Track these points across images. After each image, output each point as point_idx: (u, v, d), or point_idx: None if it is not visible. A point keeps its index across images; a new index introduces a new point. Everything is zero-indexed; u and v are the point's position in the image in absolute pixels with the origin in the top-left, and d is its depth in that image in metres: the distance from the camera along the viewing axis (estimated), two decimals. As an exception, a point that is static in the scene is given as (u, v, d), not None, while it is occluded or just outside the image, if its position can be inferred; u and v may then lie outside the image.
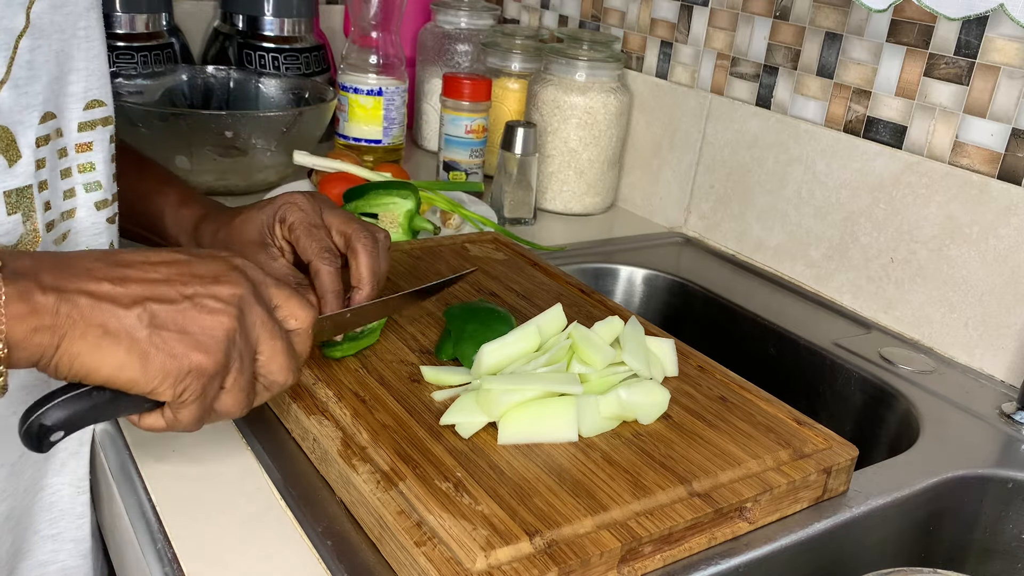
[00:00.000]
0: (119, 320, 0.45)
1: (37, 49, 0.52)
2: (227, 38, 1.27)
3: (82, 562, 0.65)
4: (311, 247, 0.64)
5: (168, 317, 0.46)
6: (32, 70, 0.52)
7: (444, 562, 0.46)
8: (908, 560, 0.67)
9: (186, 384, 0.47)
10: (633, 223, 1.17)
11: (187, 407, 0.48)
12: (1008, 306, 0.80)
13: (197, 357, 0.47)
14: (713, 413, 0.64)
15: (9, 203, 0.52)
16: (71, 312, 0.43)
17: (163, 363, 0.46)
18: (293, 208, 0.66)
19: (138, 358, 0.45)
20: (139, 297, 0.46)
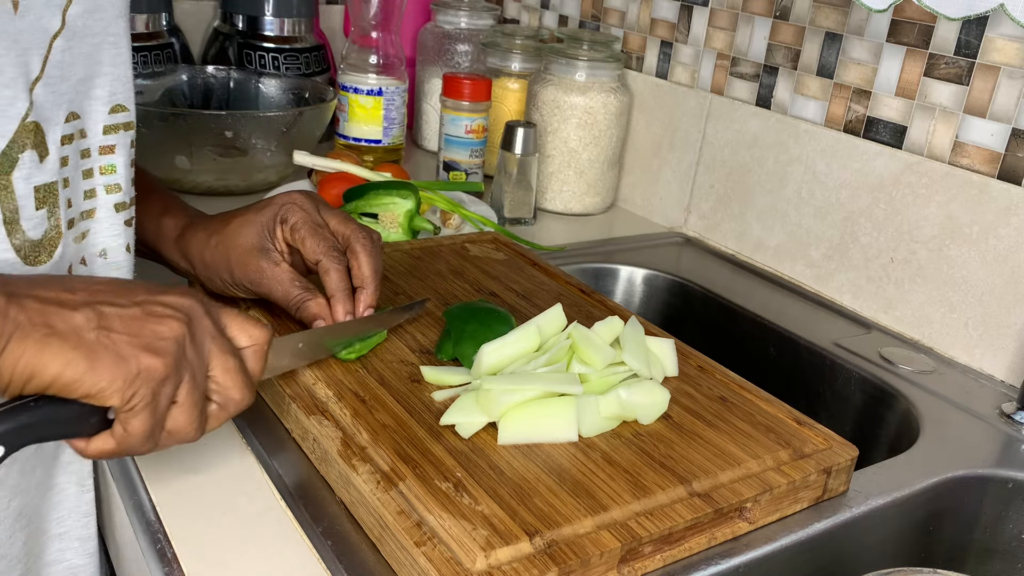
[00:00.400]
0: (66, 320, 0.44)
1: (68, 50, 0.54)
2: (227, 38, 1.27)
3: (88, 561, 0.65)
4: (319, 246, 0.64)
5: (117, 319, 0.46)
6: (62, 70, 0.53)
7: (444, 562, 0.46)
8: (908, 560, 0.67)
9: (135, 388, 0.45)
10: (633, 223, 1.17)
11: (137, 416, 0.46)
12: (1008, 306, 0.80)
13: (147, 359, 0.45)
14: (713, 413, 0.64)
15: (38, 198, 0.53)
16: (18, 314, 0.43)
17: (111, 363, 0.44)
18: (294, 208, 0.65)
19: (85, 356, 0.44)
20: (87, 300, 0.45)
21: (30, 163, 0.52)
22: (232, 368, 0.50)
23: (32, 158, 0.52)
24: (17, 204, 0.51)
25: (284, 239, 0.66)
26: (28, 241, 0.53)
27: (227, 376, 0.50)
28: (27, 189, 0.52)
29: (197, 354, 0.48)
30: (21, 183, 0.51)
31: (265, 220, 0.65)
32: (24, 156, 0.51)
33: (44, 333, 0.43)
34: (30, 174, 0.52)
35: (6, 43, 0.49)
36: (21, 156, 0.51)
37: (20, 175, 0.51)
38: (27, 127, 0.51)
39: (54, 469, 0.61)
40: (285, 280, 0.65)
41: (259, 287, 0.66)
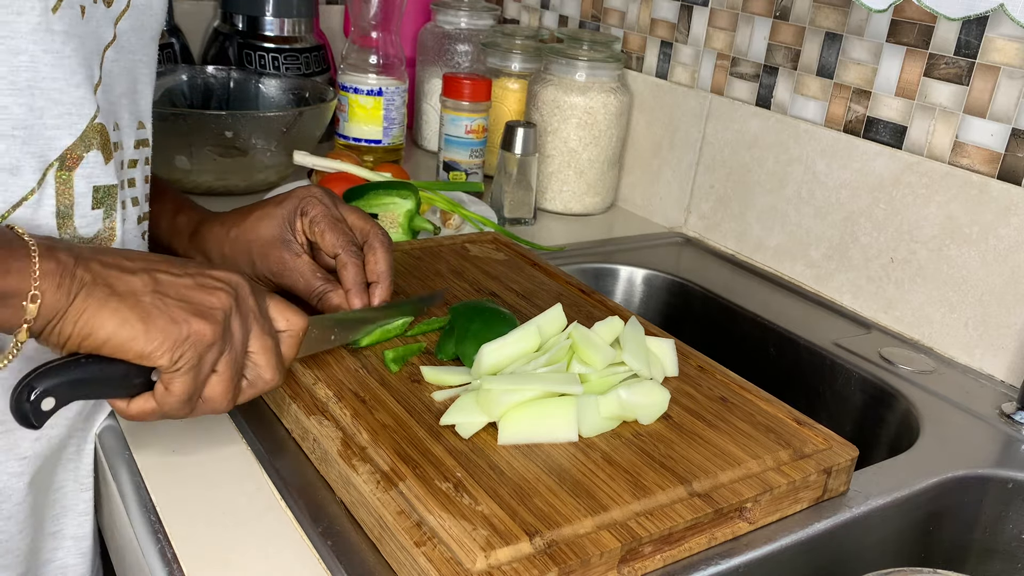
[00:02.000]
0: (126, 282, 0.48)
1: (116, 62, 0.57)
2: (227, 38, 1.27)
3: (79, 560, 0.65)
4: (338, 240, 0.66)
5: (171, 285, 0.49)
6: (111, 79, 0.56)
7: (444, 562, 0.46)
8: (908, 560, 0.67)
9: (183, 350, 0.48)
10: (633, 223, 1.17)
11: (180, 378, 0.49)
12: (1008, 306, 0.80)
13: (197, 324, 0.48)
14: (713, 413, 0.64)
15: (96, 198, 0.55)
16: (84, 274, 0.47)
17: (164, 325, 0.48)
18: (314, 202, 0.67)
19: (140, 317, 0.47)
20: (145, 266, 0.49)
21: (94, 162, 0.54)
22: (269, 348, 0.53)
23: (97, 158, 0.54)
24: (74, 200, 0.54)
25: (304, 232, 0.67)
26: (77, 238, 0.55)
27: (263, 355, 0.53)
28: (86, 187, 0.54)
29: (241, 328, 0.51)
30: (82, 181, 0.54)
31: (286, 213, 0.67)
32: (89, 155, 0.54)
33: (106, 293, 0.47)
34: (92, 173, 0.54)
35: (75, 45, 0.52)
36: (86, 155, 0.54)
37: (82, 173, 0.54)
38: (95, 127, 0.54)
39: (56, 466, 0.61)
40: (307, 272, 0.66)
41: (281, 278, 0.67)
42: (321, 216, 0.66)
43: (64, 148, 0.52)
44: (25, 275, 0.45)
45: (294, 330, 0.55)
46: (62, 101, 0.52)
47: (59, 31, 0.50)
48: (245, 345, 0.52)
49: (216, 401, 0.52)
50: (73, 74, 0.52)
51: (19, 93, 0.50)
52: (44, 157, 0.52)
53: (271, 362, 0.53)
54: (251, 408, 0.64)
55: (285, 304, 0.55)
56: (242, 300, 0.52)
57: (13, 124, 0.50)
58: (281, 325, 0.55)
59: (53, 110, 0.51)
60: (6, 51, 0.49)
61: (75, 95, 0.52)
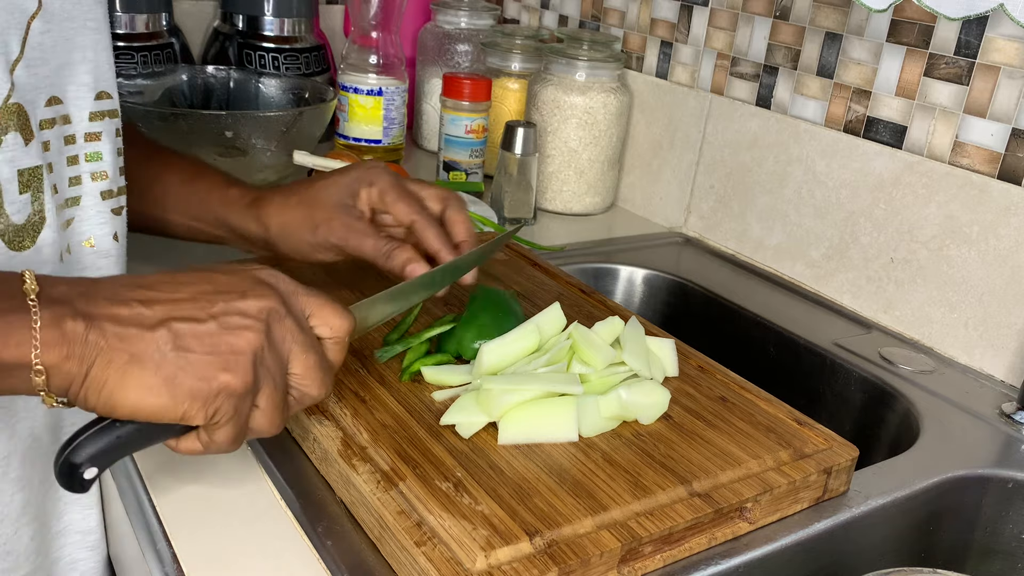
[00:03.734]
0: (144, 344, 0.44)
1: (47, 33, 0.53)
2: (227, 38, 1.27)
3: (88, 554, 0.65)
4: (411, 207, 0.66)
5: (193, 337, 0.45)
6: (43, 53, 0.53)
7: (444, 562, 0.46)
8: (908, 560, 0.67)
9: (217, 405, 0.45)
10: (633, 223, 1.17)
11: (221, 428, 0.47)
12: (1008, 306, 0.80)
13: (225, 377, 0.45)
14: (713, 413, 0.64)
15: (22, 182, 0.52)
16: (98, 340, 0.43)
17: (191, 386, 0.45)
18: (381, 174, 0.68)
19: (164, 382, 0.44)
20: (163, 318, 0.45)
21: (14, 145, 0.51)
22: (312, 365, 0.50)
23: (16, 140, 0.51)
24: (1, 187, 0.51)
25: (369, 202, 0.68)
26: (12, 226, 0.52)
27: (307, 373, 0.50)
28: (11, 172, 0.51)
29: (276, 359, 0.48)
30: (5, 166, 0.51)
31: (349, 182, 0.68)
32: (7, 138, 0.51)
33: (124, 360, 0.44)
34: (14, 157, 0.51)
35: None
36: (4, 138, 0.50)
37: (4, 157, 0.51)
38: (10, 108, 0.51)
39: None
40: (372, 233, 0.67)
41: (347, 242, 0.67)
42: (389, 187, 0.67)
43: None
44: (26, 348, 0.42)
45: (339, 335, 0.52)
46: None
47: None
48: (285, 369, 0.49)
49: (264, 430, 0.49)
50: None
51: None
52: None
53: (316, 378, 0.50)
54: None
55: (329, 307, 0.51)
56: (275, 326, 0.48)
57: None
58: (325, 332, 0.51)
59: None
60: None
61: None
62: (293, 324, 0.49)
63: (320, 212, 0.67)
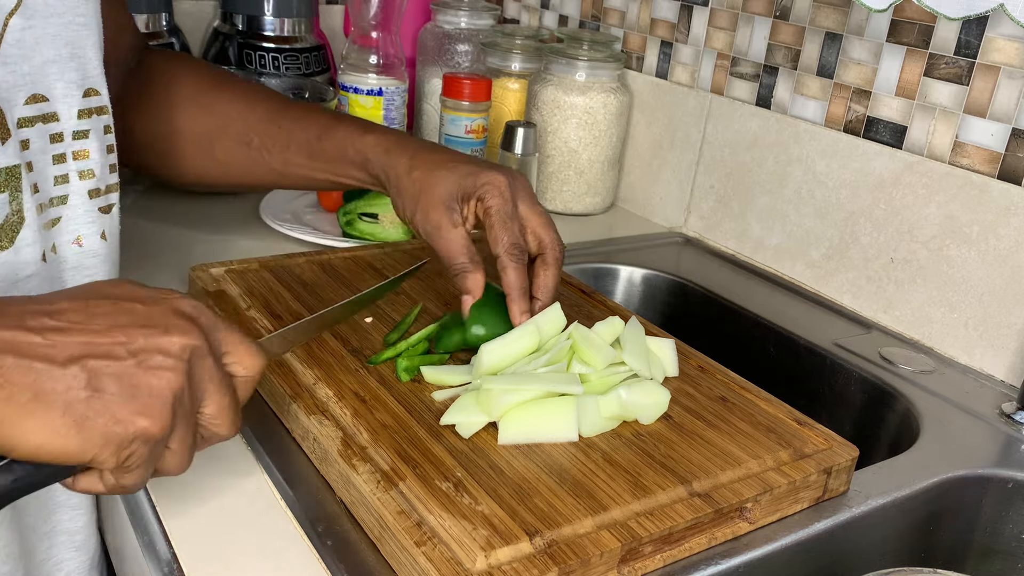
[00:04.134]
0: (52, 381, 0.40)
1: (29, 29, 0.52)
2: (227, 38, 1.27)
3: (73, 554, 0.64)
4: (502, 240, 0.65)
5: (109, 376, 0.41)
6: (21, 49, 0.51)
7: (444, 562, 0.46)
8: (908, 560, 0.67)
9: (132, 450, 0.42)
10: (633, 223, 1.17)
11: (132, 472, 0.43)
12: (1008, 306, 0.80)
13: (143, 422, 0.41)
14: (713, 413, 0.64)
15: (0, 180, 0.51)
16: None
17: (104, 429, 0.40)
18: (494, 191, 0.66)
19: (73, 424, 0.40)
20: (77, 354, 0.41)
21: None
22: (226, 406, 0.47)
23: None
24: None
25: (474, 213, 0.67)
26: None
27: (220, 413, 0.47)
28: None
29: (191, 399, 0.45)
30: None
31: (466, 185, 0.67)
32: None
33: (27, 398, 0.39)
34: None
35: None
36: None
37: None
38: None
39: None
40: (457, 243, 0.66)
41: (432, 238, 0.68)
42: (495, 210, 0.66)
43: None
44: None
45: (252, 374, 0.49)
46: None
47: None
48: (197, 408, 0.46)
49: (173, 471, 0.46)
50: None
51: None
52: None
53: (228, 419, 0.47)
54: (251, 408, 0.64)
55: (244, 346, 0.48)
56: (195, 365, 0.44)
57: None
58: (239, 371, 0.48)
59: None
60: None
61: None
62: (212, 363, 0.46)
63: (425, 199, 0.67)
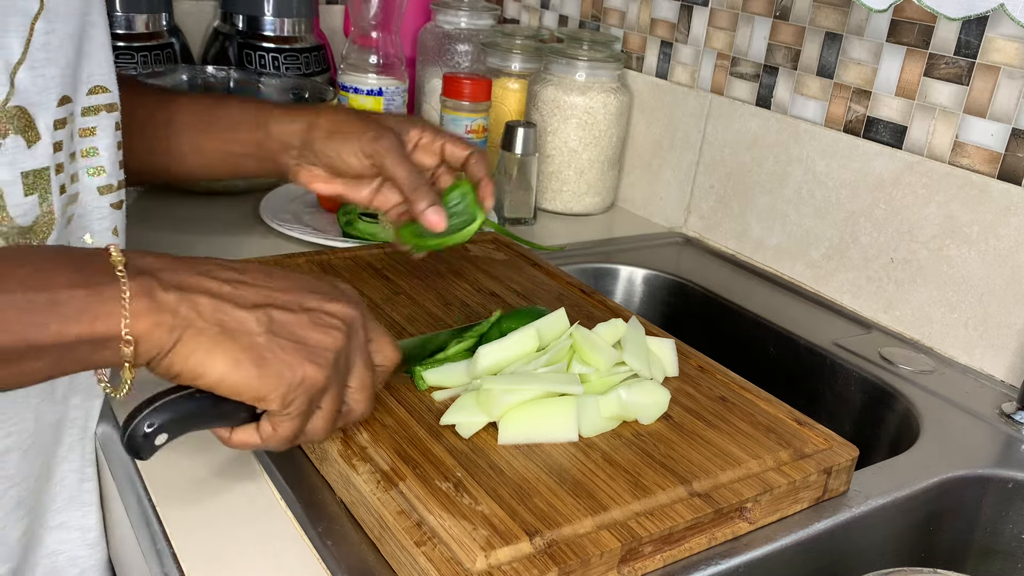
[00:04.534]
0: (238, 321, 0.45)
1: (52, 32, 0.53)
2: (227, 38, 1.27)
3: (89, 552, 0.65)
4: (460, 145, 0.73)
5: (286, 325, 0.47)
6: (48, 52, 0.53)
7: (444, 562, 0.46)
8: (908, 560, 0.67)
9: (295, 395, 0.46)
10: (633, 223, 1.17)
11: (290, 421, 0.47)
12: (1008, 306, 0.80)
13: (311, 369, 0.47)
14: (713, 413, 0.64)
15: (27, 184, 0.52)
16: (190, 311, 0.44)
17: (278, 370, 0.46)
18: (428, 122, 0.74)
19: (254, 360, 0.45)
20: (259, 301, 0.46)
21: (14, 148, 0.51)
22: (367, 385, 0.52)
23: (17, 143, 0.51)
24: (2, 190, 0.51)
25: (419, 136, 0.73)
26: (16, 228, 0.52)
27: (362, 391, 0.51)
28: (13, 175, 0.51)
29: (347, 366, 0.50)
30: (5, 168, 0.50)
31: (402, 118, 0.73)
32: (7, 141, 0.50)
33: (216, 332, 0.44)
34: (15, 159, 0.51)
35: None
36: (4, 141, 0.50)
37: (4, 160, 0.50)
38: (8, 112, 0.50)
39: (53, 460, 0.61)
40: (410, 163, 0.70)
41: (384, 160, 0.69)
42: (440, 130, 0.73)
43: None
44: (115, 319, 0.42)
45: (388, 366, 0.54)
46: None
47: None
48: (346, 380, 0.51)
49: (317, 435, 0.50)
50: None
51: None
52: None
53: (367, 397, 0.52)
54: (251, 408, 0.64)
55: (386, 338, 0.54)
56: (354, 336, 0.50)
57: None
58: (378, 360, 0.53)
59: None
60: None
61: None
62: (363, 340, 0.51)
63: (375, 127, 0.70)
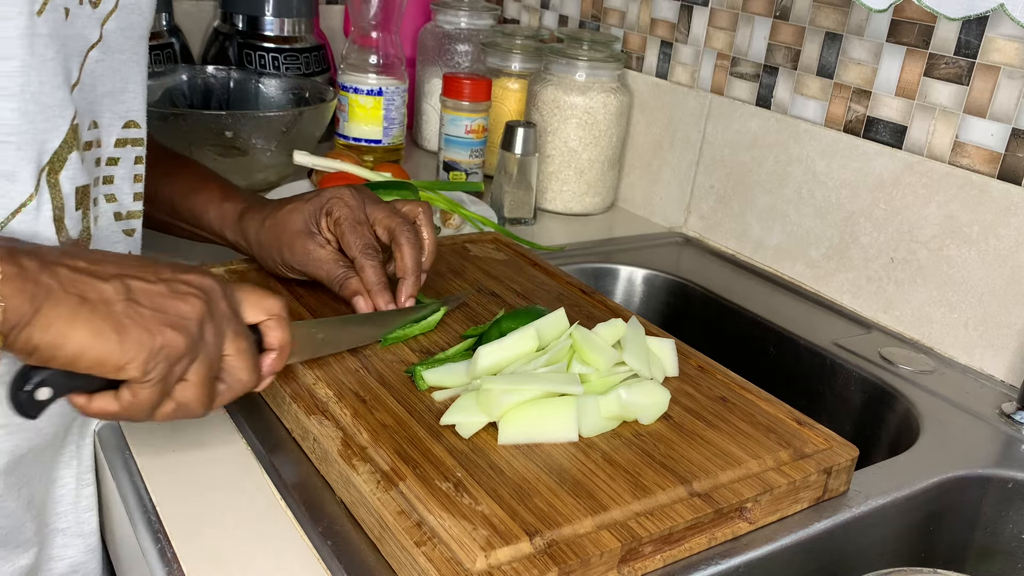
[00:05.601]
0: (97, 290, 0.46)
1: (101, 62, 0.57)
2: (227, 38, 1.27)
3: (89, 557, 0.66)
4: (355, 243, 0.68)
5: (144, 293, 0.47)
6: (93, 79, 0.56)
7: (444, 562, 0.46)
8: (908, 560, 0.67)
9: (156, 362, 0.47)
10: (633, 223, 1.17)
11: (149, 388, 0.48)
12: (1008, 306, 0.80)
13: (171, 335, 0.47)
14: (713, 413, 0.64)
15: (77, 199, 0.55)
16: (51, 280, 0.44)
17: (138, 336, 0.46)
18: (339, 203, 0.70)
19: (114, 328, 0.46)
20: (116, 272, 0.47)
21: (75, 164, 0.54)
22: (244, 350, 0.53)
23: (76, 160, 0.54)
24: (64, 203, 0.54)
25: (328, 229, 0.70)
26: (69, 240, 0.55)
27: (238, 357, 0.52)
28: (70, 189, 0.54)
29: (214, 334, 0.50)
30: (67, 183, 0.54)
31: (312, 209, 0.70)
32: (72, 157, 0.54)
33: (76, 302, 0.45)
34: (74, 175, 0.54)
35: (57, 47, 0.51)
36: (69, 156, 0.53)
37: (66, 175, 0.54)
38: (74, 128, 0.54)
39: (56, 463, 0.62)
40: (328, 261, 0.70)
41: (306, 267, 0.71)
42: (344, 218, 0.69)
43: (53, 151, 0.52)
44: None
45: (275, 315, 0.55)
46: (49, 104, 0.51)
47: (43, 34, 0.50)
48: (220, 350, 0.51)
49: (190, 406, 0.51)
50: (55, 76, 0.51)
51: (12, 98, 0.50)
52: (38, 162, 0.52)
53: (246, 363, 0.53)
54: (251, 408, 0.64)
55: (259, 293, 0.55)
56: (215, 304, 0.51)
57: (8, 130, 0.50)
58: (260, 316, 0.55)
59: (42, 114, 0.51)
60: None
61: (58, 97, 0.52)
62: (227, 308, 0.52)
63: (286, 236, 0.70)
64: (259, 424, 0.62)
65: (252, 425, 0.62)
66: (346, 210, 0.69)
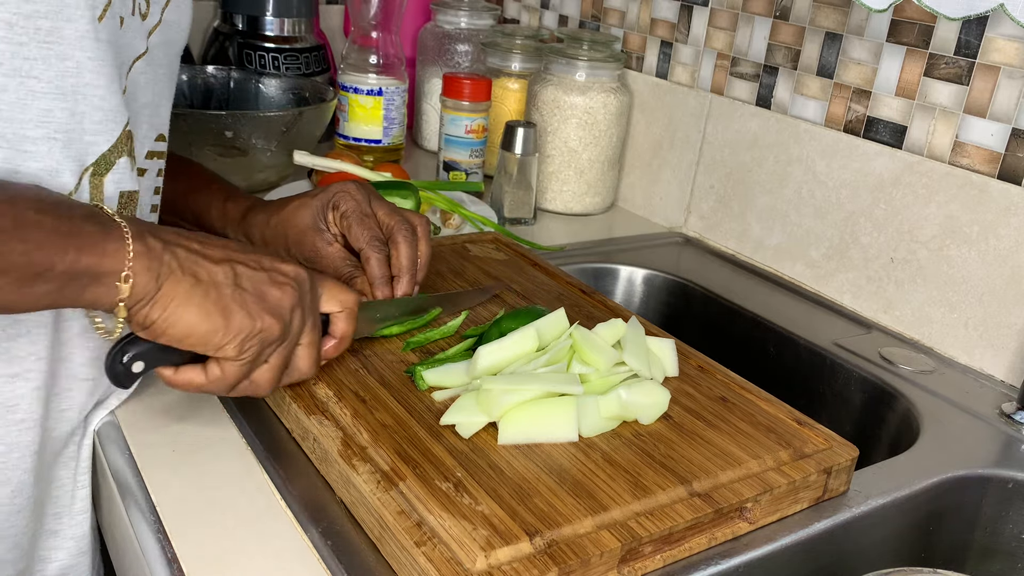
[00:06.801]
0: (209, 272, 0.50)
1: (144, 74, 0.58)
2: (227, 38, 1.27)
3: (80, 559, 0.66)
4: (363, 235, 0.69)
5: (249, 279, 0.52)
6: (135, 89, 0.58)
7: (444, 562, 0.46)
8: (908, 560, 0.67)
9: (252, 343, 0.51)
10: (633, 223, 1.17)
11: (239, 366, 0.52)
12: (1008, 306, 0.80)
13: (268, 321, 0.51)
14: (713, 413, 0.64)
15: (121, 203, 0.56)
16: (171, 260, 0.49)
17: (240, 320, 0.50)
18: (346, 196, 0.70)
19: (221, 311, 0.50)
20: (225, 257, 0.51)
21: (123, 168, 0.55)
22: (313, 343, 0.56)
23: (126, 164, 0.56)
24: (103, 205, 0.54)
25: (335, 223, 0.71)
26: None
27: (307, 348, 0.56)
28: (113, 192, 0.55)
29: (300, 324, 0.55)
30: (111, 186, 0.55)
31: (320, 204, 0.71)
32: (121, 161, 0.55)
33: (191, 282, 0.49)
34: (121, 179, 0.55)
35: (113, 53, 0.53)
36: (118, 161, 0.55)
37: (112, 179, 0.55)
38: (127, 134, 0.55)
39: (55, 462, 0.61)
40: (336, 258, 0.71)
41: (314, 263, 0.71)
42: (351, 211, 0.70)
43: (100, 154, 0.54)
44: (120, 256, 0.47)
45: (348, 308, 0.59)
46: (102, 108, 0.53)
47: (103, 39, 0.51)
48: (297, 339, 0.55)
49: (261, 387, 0.54)
50: (112, 81, 0.53)
51: (63, 98, 0.51)
52: (82, 161, 0.53)
53: (312, 355, 0.57)
54: (251, 408, 0.64)
55: (338, 286, 0.59)
56: (304, 296, 0.54)
57: (55, 128, 0.51)
58: (335, 307, 0.58)
59: (93, 116, 0.52)
60: (55, 56, 0.50)
61: (113, 102, 0.53)
62: (312, 301, 0.56)
63: (293, 232, 0.71)
64: (259, 424, 0.62)
65: (252, 425, 0.62)
66: (353, 203, 0.70)
